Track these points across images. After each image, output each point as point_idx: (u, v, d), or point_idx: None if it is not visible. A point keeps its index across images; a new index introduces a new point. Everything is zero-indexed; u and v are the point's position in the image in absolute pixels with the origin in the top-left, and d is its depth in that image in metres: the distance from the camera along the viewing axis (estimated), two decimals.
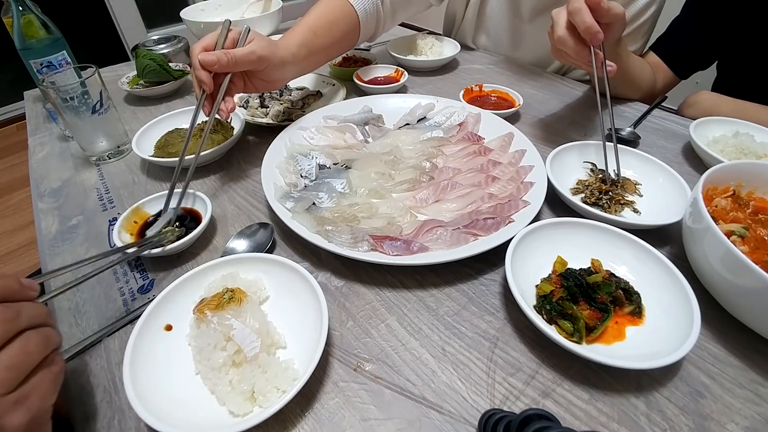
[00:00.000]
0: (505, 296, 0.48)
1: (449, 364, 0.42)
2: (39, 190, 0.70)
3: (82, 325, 0.48)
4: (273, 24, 1.18)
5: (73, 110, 0.68)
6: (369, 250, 0.50)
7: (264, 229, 0.56)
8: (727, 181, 0.51)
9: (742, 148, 0.65)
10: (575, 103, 0.88)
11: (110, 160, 0.75)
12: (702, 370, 0.41)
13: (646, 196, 0.61)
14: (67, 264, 0.42)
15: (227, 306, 0.41)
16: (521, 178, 0.61)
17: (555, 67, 1.04)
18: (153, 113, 0.90)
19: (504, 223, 0.53)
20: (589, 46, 0.61)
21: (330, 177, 0.63)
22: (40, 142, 0.84)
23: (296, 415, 0.38)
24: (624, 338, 0.42)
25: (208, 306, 0.41)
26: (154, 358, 0.40)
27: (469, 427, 0.37)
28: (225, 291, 0.43)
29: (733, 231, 0.45)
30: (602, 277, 0.45)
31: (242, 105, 0.86)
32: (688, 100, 0.84)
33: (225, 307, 0.41)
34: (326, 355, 0.43)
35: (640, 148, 0.70)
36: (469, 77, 1.01)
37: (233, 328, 0.40)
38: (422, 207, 0.59)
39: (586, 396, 0.39)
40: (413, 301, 0.48)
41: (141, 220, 0.58)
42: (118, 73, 1.01)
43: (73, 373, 0.43)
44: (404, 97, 0.84)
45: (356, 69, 0.96)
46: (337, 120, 0.76)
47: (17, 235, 1.84)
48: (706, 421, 0.37)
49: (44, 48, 0.79)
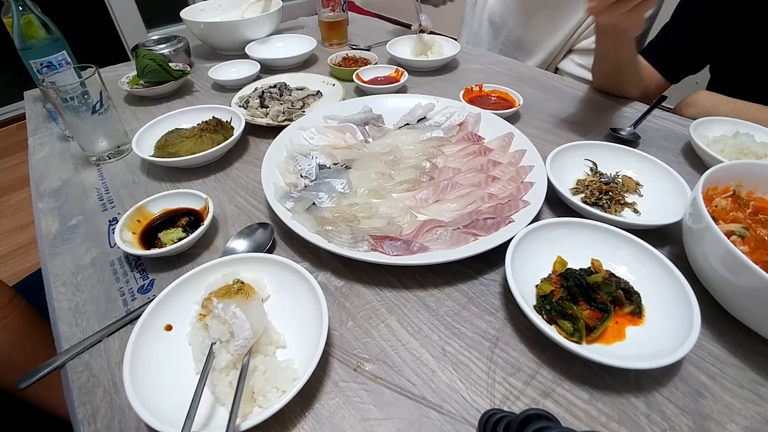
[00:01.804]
0: (505, 296, 0.48)
1: (449, 364, 0.42)
2: (39, 190, 0.70)
3: (82, 325, 0.48)
4: (273, 24, 1.18)
5: (73, 110, 0.68)
6: (369, 250, 0.50)
7: (264, 229, 0.56)
8: (727, 181, 0.51)
9: (742, 148, 0.65)
10: (575, 103, 0.88)
11: (110, 160, 0.75)
12: (702, 370, 0.41)
13: (646, 196, 0.61)
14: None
15: (234, 296, 0.41)
16: (521, 178, 0.61)
17: (558, 43, 1.04)
18: (153, 113, 0.90)
19: (504, 223, 0.53)
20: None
21: (330, 177, 0.63)
22: (40, 142, 0.84)
23: (296, 415, 0.38)
24: (624, 338, 0.42)
25: (216, 294, 0.41)
26: (154, 358, 0.40)
27: (469, 427, 0.37)
28: (235, 281, 0.43)
29: (733, 231, 0.45)
30: (602, 277, 0.45)
31: (242, 105, 0.86)
32: (687, 100, 0.84)
33: (232, 296, 0.41)
34: (326, 355, 0.43)
35: (640, 148, 0.70)
36: (469, 77, 1.01)
37: (236, 317, 0.39)
38: (422, 207, 0.59)
39: (586, 396, 0.39)
40: (413, 301, 0.48)
41: (145, 219, 0.58)
42: (118, 73, 1.01)
43: (73, 373, 0.43)
44: (404, 97, 0.84)
45: (356, 69, 0.96)
46: (337, 120, 0.76)
47: (17, 235, 1.84)
48: (706, 421, 0.37)
49: (44, 48, 0.79)
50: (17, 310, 0.65)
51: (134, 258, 0.55)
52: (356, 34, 1.29)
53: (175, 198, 0.61)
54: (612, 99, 0.88)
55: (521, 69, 1.03)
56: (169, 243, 0.53)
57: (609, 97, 0.88)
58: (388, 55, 1.05)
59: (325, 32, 1.20)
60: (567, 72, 1.05)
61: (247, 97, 0.87)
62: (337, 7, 1.15)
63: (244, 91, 0.90)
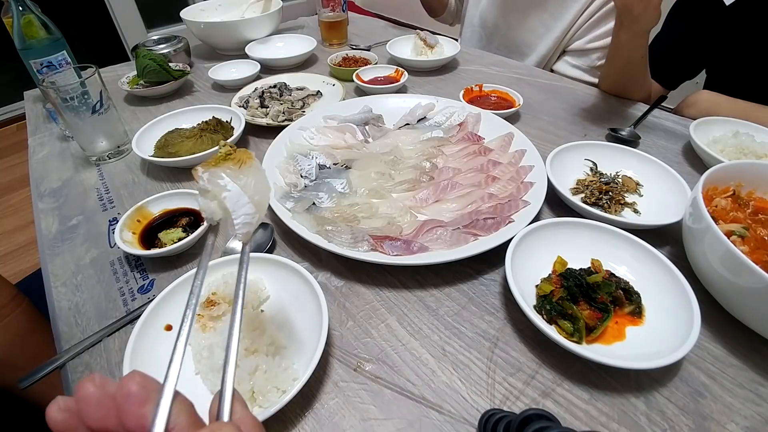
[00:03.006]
0: (505, 296, 0.48)
1: (449, 364, 0.42)
2: (39, 190, 0.70)
3: (82, 325, 0.48)
4: (273, 24, 1.18)
5: (73, 110, 0.68)
6: (369, 250, 0.50)
7: (264, 229, 0.56)
8: (727, 181, 0.51)
9: (742, 148, 0.65)
10: (575, 103, 0.88)
11: (110, 160, 0.75)
12: (702, 370, 0.41)
13: (646, 196, 0.61)
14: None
15: (222, 164, 0.33)
16: (521, 178, 0.61)
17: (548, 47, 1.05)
18: (153, 113, 0.90)
19: (504, 223, 0.53)
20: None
21: (330, 177, 0.63)
22: (40, 142, 0.84)
23: (296, 415, 0.38)
24: (624, 338, 0.42)
25: (203, 165, 0.33)
26: (154, 358, 0.40)
27: (469, 427, 0.37)
28: (222, 146, 0.35)
29: (733, 231, 0.45)
30: (602, 277, 0.45)
31: (242, 105, 0.86)
32: (687, 100, 0.84)
33: (220, 165, 0.33)
34: (326, 355, 0.43)
35: (640, 148, 0.70)
36: (469, 77, 1.01)
37: (226, 189, 0.31)
38: (422, 207, 0.59)
39: (586, 396, 0.39)
40: (413, 301, 0.48)
41: (145, 219, 0.58)
42: (118, 73, 1.01)
43: (73, 373, 0.43)
44: (404, 97, 0.84)
45: (356, 69, 0.96)
46: (337, 120, 0.76)
47: (17, 235, 1.84)
48: (706, 421, 0.37)
49: (44, 48, 0.79)
50: (19, 309, 0.65)
51: (134, 258, 0.55)
52: (356, 34, 1.29)
53: (175, 198, 0.61)
54: (612, 99, 0.88)
55: (521, 69, 1.03)
56: (169, 243, 0.53)
57: (609, 96, 0.88)
58: (388, 55, 1.05)
59: (325, 32, 1.20)
60: (562, 73, 1.05)
61: (247, 97, 0.87)
62: (337, 7, 1.15)
63: (244, 91, 0.90)
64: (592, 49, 0.99)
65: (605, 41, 0.95)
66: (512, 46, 1.13)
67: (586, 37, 0.99)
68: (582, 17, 0.97)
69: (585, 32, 0.99)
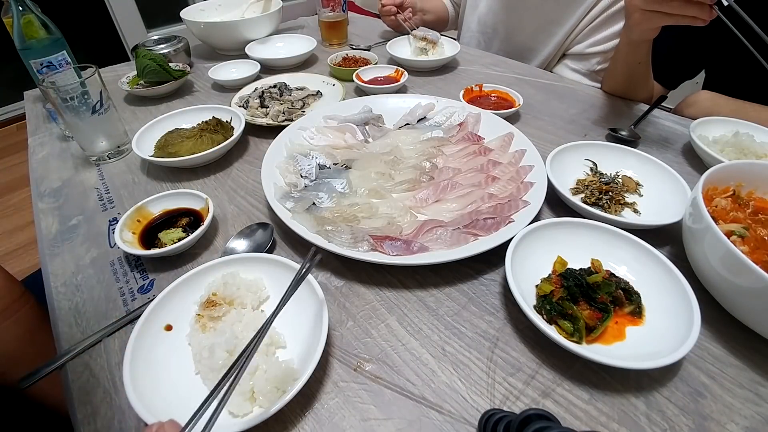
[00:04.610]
0: (505, 296, 0.48)
1: (449, 364, 0.42)
2: (39, 190, 0.70)
3: (82, 325, 0.48)
4: (273, 24, 1.18)
5: (73, 110, 0.68)
6: (369, 250, 0.50)
7: (264, 229, 0.56)
8: (727, 181, 0.51)
9: (742, 148, 0.65)
10: (575, 103, 0.88)
11: (110, 160, 0.75)
12: (702, 370, 0.41)
13: (646, 196, 0.61)
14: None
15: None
16: (521, 178, 0.61)
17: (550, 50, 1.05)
18: (153, 113, 0.90)
19: (504, 223, 0.53)
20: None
21: (330, 177, 0.63)
22: (40, 142, 0.84)
23: (296, 415, 0.38)
24: (624, 338, 0.42)
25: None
26: (154, 358, 0.40)
27: (469, 427, 0.37)
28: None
29: (733, 231, 0.45)
30: (602, 277, 0.45)
31: (242, 105, 0.86)
32: (687, 99, 0.84)
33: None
34: (326, 355, 0.43)
35: (640, 148, 0.70)
36: (469, 77, 1.01)
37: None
38: (422, 207, 0.59)
39: (586, 396, 0.39)
40: (413, 301, 0.48)
41: (145, 219, 0.58)
42: (118, 73, 1.01)
43: (73, 373, 0.43)
44: (404, 97, 0.84)
45: (356, 69, 0.96)
46: (337, 120, 0.76)
47: (17, 235, 1.84)
48: (706, 421, 0.37)
49: (44, 48, 0.79)
50: (28, 305, 0.65)
51: (134, 258, 0.55)
52: (356, 34, 1.29)
53: (175, 198, 0.61)
54: (612, 99, 0.88)
55: (521, 69, 1.03)
56: (169, 243, 0.53)
57: (609, 97, 0.88)
58: (388, 55, 1.05)
59: (325, 32, 1.20)
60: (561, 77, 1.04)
61: (247, 97, 0.87)
62: (337, 7, 1.15)
63: (244, 91, 0.90)
64: (592, 53, 0.98)
65: (605, 46, 0.95)
66: (512, 51, 1.12)
67: (586, 41, 0.99)
68: (583, 22, 0.97)
69: (585, 37, 0.98)
